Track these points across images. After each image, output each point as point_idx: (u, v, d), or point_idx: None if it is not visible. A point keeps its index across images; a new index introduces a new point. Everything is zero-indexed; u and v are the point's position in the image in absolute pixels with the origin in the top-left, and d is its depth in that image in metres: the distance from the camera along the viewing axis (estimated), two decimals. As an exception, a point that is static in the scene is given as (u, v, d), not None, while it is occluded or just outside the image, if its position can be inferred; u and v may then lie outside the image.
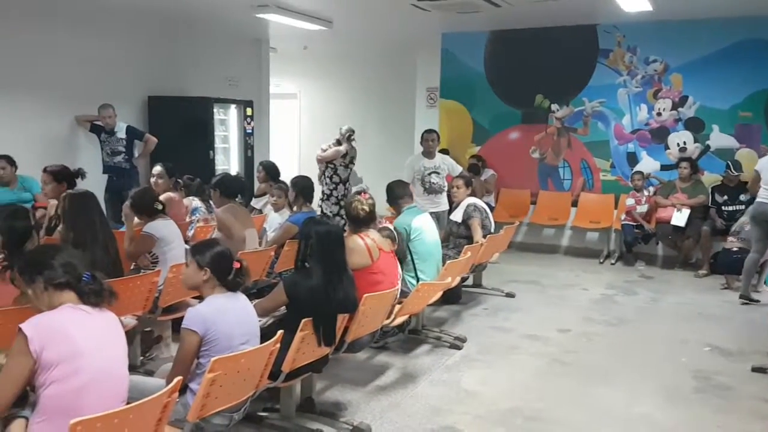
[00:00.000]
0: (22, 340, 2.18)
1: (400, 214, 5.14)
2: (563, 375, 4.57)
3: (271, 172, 6.88)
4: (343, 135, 7.79)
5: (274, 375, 3.12)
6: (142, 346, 4.41)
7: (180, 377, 2.46)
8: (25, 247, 3.34)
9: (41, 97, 6.74)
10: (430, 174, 6.90)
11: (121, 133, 7.14)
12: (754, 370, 4.59)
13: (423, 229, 4.92)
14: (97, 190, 4.80)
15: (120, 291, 2.58)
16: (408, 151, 8.72)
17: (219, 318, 2.83)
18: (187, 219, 5.95)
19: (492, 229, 6.17)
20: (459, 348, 4.98)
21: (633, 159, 8.43)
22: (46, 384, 2.19)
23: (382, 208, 5.28)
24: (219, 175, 6.09)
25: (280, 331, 3.01)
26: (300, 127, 12.10)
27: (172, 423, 2.57)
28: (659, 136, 8.27)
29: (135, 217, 4.60)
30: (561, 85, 8.68)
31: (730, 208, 7.47)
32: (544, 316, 5.91)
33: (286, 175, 6.58)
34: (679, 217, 7.50)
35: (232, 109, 8.53)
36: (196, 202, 6.17)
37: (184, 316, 2.83)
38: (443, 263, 4.99)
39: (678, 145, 8.17)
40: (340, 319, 3.47)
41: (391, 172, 6.81)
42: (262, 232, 5.78)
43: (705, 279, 7.31)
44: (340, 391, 4.15)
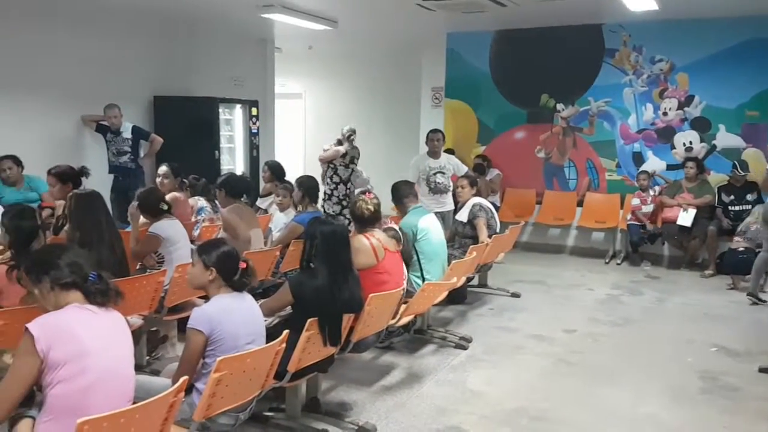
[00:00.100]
0: (28, 339, 2.18)
1: (405, 214, 5.14)
2: (569, 375, 4.56)
3: (277, 172, 6.89)
4: (344, 135, 7.80)
5: (279, 375, 3.12)
6: (148, 346, 4.42)
7: (186, 377, 2.46)
8: (31, 246, 3.35)
9: (48, 97, 6.76)
10: (435, 174, 6.90)
11: (126, 133, 7.16)
12: (761, 370, 4.57)
13: (429, 229, 4.92)
14: (102, 190, 4.82)
15: (126, 291, 2.59)
16: (413, 151, 8.72)
17: (224, 318, 2.83)
18: (193, 219, 5.96)
19: (497, 229, 6.17)
20: (464, 348, 4.97)
21: (639, 159, 8.40)
22: (53, 383, 2.19)
23: (387, 208, 5.28)
24: (224, 174, 6.09)
25: (286, 331, 3.01)
26: (305, 127, 12.11)
27: (178, 422, 2.58)
28: (665, 135, 8.24)
29: (141, 217, 4.61)
30: (566, 84, 8.65)
31: (737, 207, 7.44)
32: (550, 316, 5.90)
33: (291, 175, 6.59)
34: (685, 217, 7.48)
35: (238, 109, 8.54)
36: (201, 201, 6.18)
37: (190, 316, 2.84)
38: (449, 263, 4.99)
39: (684, 144, 8.14)
40: (346, 319, 3.47)
41: (396, 172, 6.82)
42: (268, 232, 5.79)
43: (711, 279, 7.28)
44: (346, 391, 4.15)
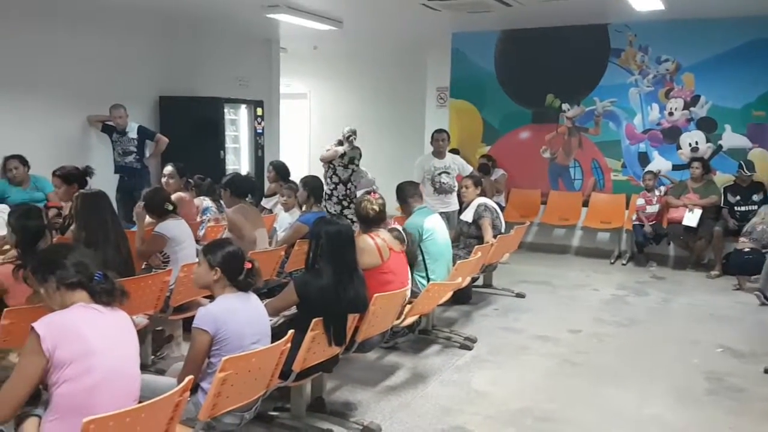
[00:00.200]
0: (34, 339, 2.19)
1: (410, 215, 5.13)
2: (574, 376, 4.55)
3: (281, 172, 6.89)
4: (344, 136, 7.82)
5: (284, 374, 3.13)
6: (153, 345, 4.43)
7: (191, 376, 2.46)
8: (38, 246, 3.36)
9: (53, 97, 6.78)
10: (440, 174, 6.89)
11: (132, 133, 7.18)
12: (766, 371, 4.55)
13: (435, 229, 4.91)
14: (108, 189, 4.82)
15: (131, 290, 2.60)
16: (418, 151, 8.71)
17: (229, 317, 2.83)
18: (198, 219, 5.97)
19: (503, 229, 6.16)
20: (469, 348, 4.97)
21: (644, 159, 8.38)
22: (59, 383, 2.20)
23: (392, 208, 5.27)
24: (229, 174, 6.11)
25: (291, 331, 3.02)
26: (310, 127, 12.12)
27: (183, 422, 2.58)
28: (671, 135, 8.22)
29: (146, 217, 4.62)
30: (572, 84, 8.64)
31: (743, 208, 7.42)
32: (555, 316, 5.89)
33: (296, 175, 6.59)
34: (690, 218, 7.46)
35: (243, 109, 8.55)
36: (206, 201, 6.20)
37: (195, 316, 2.84)
38: (453, 263, 4.98)
39: (690, 144, 8.12)
40: (351, 319, 3.47)
41: (400, 172, 6.82)
42: (272, 232, 5.80)
43: (717, 280, 7.26)
44: (351, 391, 4.15)
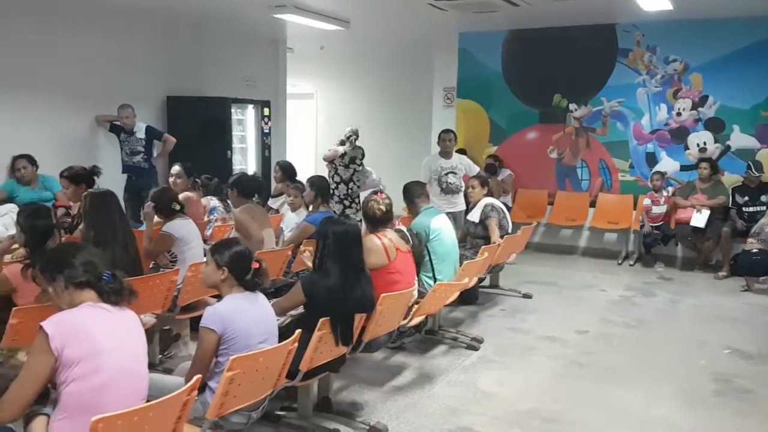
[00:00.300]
0: (43, 338, 2.20)
1: (417, 215, 5.13)
2: (581, 377, 4.54)
3: (288, 172, 6.91)
4: (345, 136, 7.85)
5: (291, 374, 3.13)
6: (160, 345, 4.44)
7: (199, 375, 2.47)
8: (47, 245, 3.37)
9: (62, 97, 6.81)
10: (446, 174, 6.89)
11: (140, 133, 7.20)
12: (775, 373, 4.54)
13: (442, 229, 4.90)
14: (116, 189, 4.83)
15: (139, 289, 2.61)
16: (424, 151, 8.71)
17: (237, 317, 2.84)
18: (206, 218, 5.98)
19: (509, 230, 6.15)
20: (476, 349, 4.96)
21: (652, 159, 8.35)
22: (67, 381, 2.20)
23: (398, 209, 5.27)
24: (236, 174, 6.13)
25: (298, 330, 3.02)
26: (317, 127, 12.13)
27: (191, 421, 2.58)
28: (679, 136, 8.18)
29: (155, 217, 4.63)
30: (579, 84, 8.62)
31: (751, 209, 7.38)
32: (562, 317, 5.88)
33: (303, 175, 6.61)
34: (698, 218, 7.43)
35: (250, 109, 8.57)
36: (214, 201, 6.20)
37: (203, 315, 2.85)
38: (460, 264, 4.98)
39: (698, 145, 8.08)
40: (358, 319, 3.47)
41: (407, 173, 6.82)
42: (279, 232, 5.80)
43: (725, 281, 7.22)
44: (357, 391, 4.16)
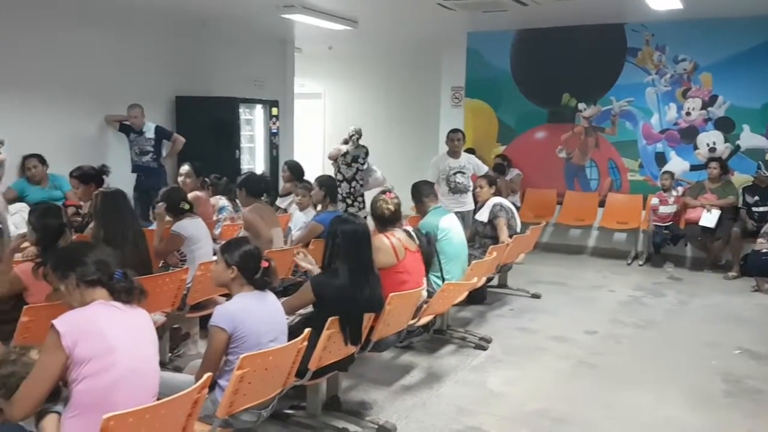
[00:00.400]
0: (54, 336, 2.21)
1: (425, 214, 5.13)
2: (590, 377, 4.53)
3: (296, 172, 6.92)
4: (349, 135, 7.89)
5: (300, 373, 3.14)
6: (170, 343, 4.46)
7: (210, 374, 2.48)
8: (58, 244, 3.38)
9: (72, 97, 6.84)
10: (455, 174, 6.89)
11: (149, 133, 7.22)
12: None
13: (450, 229, 4.90)
14: (125, 188, 4.85)
15: (149, 288, 2.62)
16: (432, 151, 8.71)
17: (247, 316, 2.85)
18: (214, 218, 6.00)
19: (518, 229, 6.14)
20: (484, 348, 4.96)
21: (662, 159, 8.31)
22: (79, 379, 2.21)
23: (406, 208, 5.27)
24: (244, 174, 6.14)
25: (308, 329, 3.03)
26: (324, 127, 12.14)
27: (201, 419, 2.59)
28: (688, 135, 8.14)
29: (166, 217, 4.64)
30: (588, 84, 8.59)
31: (761, 209, 7.34)
32: (571, 317, 5.86)
33: (311, 175, 6.62)
34: (708, 218, 7.40)
35: (258, 109, 8.58)
36: (222, 201, 6.23)
37: (213, 314, 2.86)
38: (468, 263, 4.97)
39: (707, 145, 8.04)
40: (367, 318, 3.47)
41: (415, 172, 6.81)
42: (287, 231, 5.81)
43: (735, 281, 7.19)
44: (366, 390, 4.16)
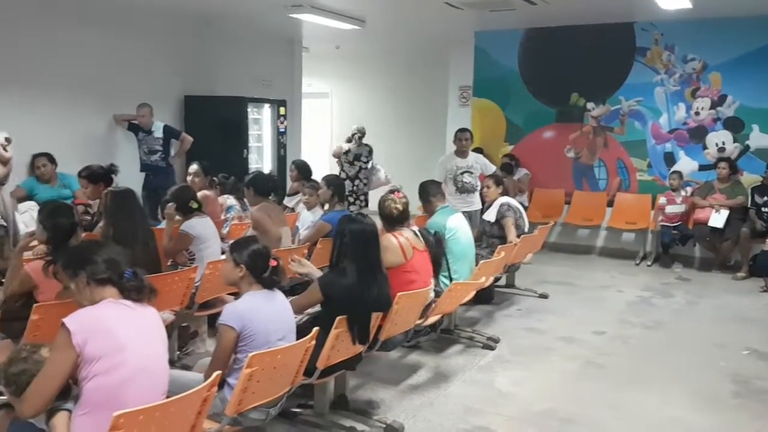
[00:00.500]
0: (65, 334, 2.22)
1: (432, 214, 5.12)
2: (598, 378, 4.52)
3: (304, 171, 6.93)
4: (351, 133, 7.93)
5: (308, 372, 3.14)
6: (178, 341, 4.47)
7: (219, 372, 2.49)
8: (69, 243, 3.39)
9: (81, 96, 6.88)
10: (462, 173, 6.88)
11: (158, 132, 7.26)
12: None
13: (457, 228, 4.89)
14: (134, 187, 4.86)
15: (158, 287, 2.62)
16: (440, 151, 8.71)
17: (255, 315, 2.86)
18: (222, 217, 6.02)
19: (526, 229, 6.12)
20: (492, 348, 4.95)
21: (670, 159, 8.28)
22: (89, 377, 2.23)
23: (413, 208, 5.26)
24: (252, 173, 6.15)
25: (316, 328, 3.03)
26: (332, 127, 12.15)
27: (210, 417, 2.60)
28: (697, 135, 8.11)
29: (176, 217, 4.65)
30: (597, 83, 8.56)
31: (771, 209, 7.31)
32: (579, 317, 5.84)
33: (318, 174, 6.63)
34: (717, 219, 7.36)
35: (266, 109, 8.60)
36: (230, 200, 6.24)
37: (222, 312, 2.88)
38: (476, 263, 4.97)
39: (717, 145, 8.00)
40: (374, 318, 3.47)
41: (423, 171, 6.81)
42: (294, 231, 5.82)
43: (744, 281, 7.16)
44: (373, 389, 4.16)
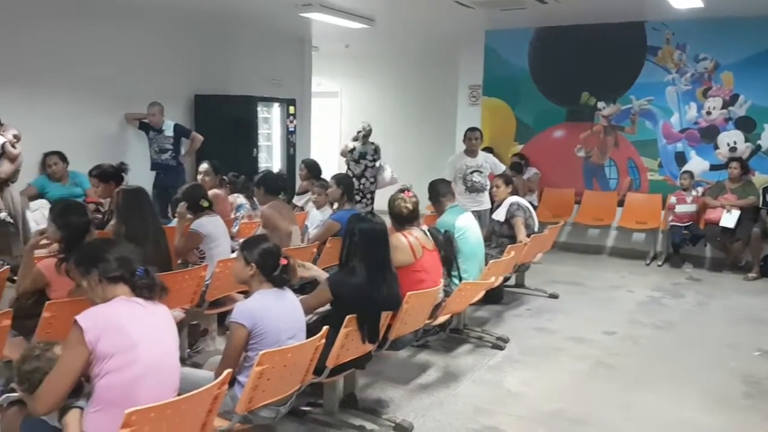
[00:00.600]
0: (77, 331, 2.23)
1: (442, 213, 5.12)
2: (608, 378, 4.50)
3: (313, 170, 6.94)
4: (357, 132, 7.95)
5: (318, 370, 3.15)
6: (189, 339, 4.49)
7: (229, 370, 2.50)
8: (83, 241, 3.40)
9: (92, 95, 6.92)
10: (472, 173, 6.88)
11: (168, 131, 7.29)
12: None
13: (467, 228, 4.89)
14: (144, 186, 4.88)
15: (169, 285, 2.63)
16: (449, 150, 8.70)
17: (266, 313, 2.87)
18: (232, 216, 6.03)
19: (536, 229, 6.11)
20: (501, 348, 4.94)
21: (682, 158, 8.23)
22: (101, 375, 2.24)
23: (422, 207, 5.26)
24: (261, 172, 6.17)
25: (326, 327, 3.04)
26: (341, 126, 12.16)
27: (220, 414, 2.62)
28: (709, 135, 8.06)
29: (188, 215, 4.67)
30: (608, 82, 8.52)
31: (782, 209, 7.26)
32: (589, 318, 5.82)
33: (327, 173, 6.64)
34: (728, 219, 7.32)
35: (275, 108, 8.62)
36: (240, 199, 6.26)
37: (233, 310, 2.89)
38: (486, 262, 4.96)
39: (728, 144, 7.95)
40: (384, 317, 3.48)
41: (432, 171, 6.81)
42: (304, 229, 5.83)
43: (755, 282, 7.13)
44: (382, 389, 4.16)
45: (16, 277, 3.68)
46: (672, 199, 7.81)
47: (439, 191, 5.19)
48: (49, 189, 6.26)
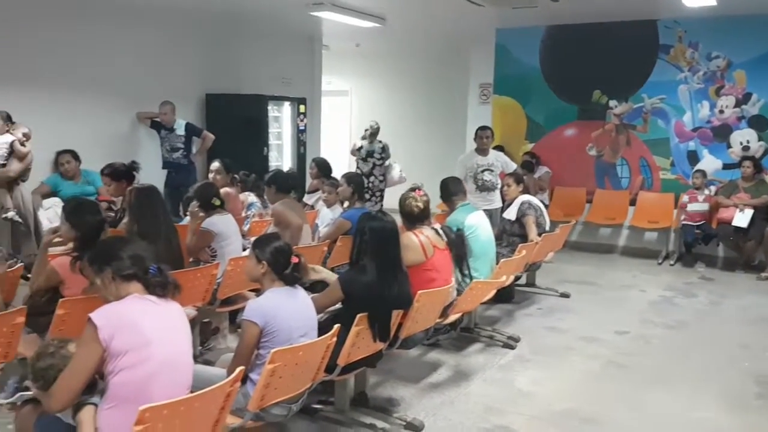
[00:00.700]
0: (91, 329, 2.25)
1: (453, 211, 5.11)
2: (620, 378, 4.48)
3: (323, 169, 6.96)
4: (365, 130, 7.97)
5: (329, 368, 3.16)
6: (200, 337, 4.51)
7: (242, 367, 2.51)
8: (98, 239, 3.41)
9: (104, 94, 6.96)
10: (482, 171, 6.86)
11: (180, 130, 7.32)
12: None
13: (478, 226, 4.88)
14: (156, 184, 4.90)
15: (181, 283, 2.65)
16: (460, 149, 8.68)
17: (278, 311, 2.88)
18: (243, 214, 6.05)
19: (547, 227, 6.09)
20: (512, 348, 4.93)
21: (694, 157, 8.18)
22: (115, 372, 2.25)
23: (432, 206, 5.25)
24: (272, 171, 6.19)
25: (337, 325, 3.04)
26: (351, 125, 12.17)
27: (233, 412, 2.63)
28: (721, 134, 8.00)
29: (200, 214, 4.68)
30: (619, 80, 8.47)
31: (796, 208, 7.20)
32: (600, 317, 5.80)
33: (338, 172, 6.65)
34: (741, 218, 7.27)
35: (286, 107, 8.64)
36: (251, 197, 6.28)
37: (245, 308, 2.91)
38: (497, 261, 4.95)
39: (741, 143, 7.90)
40: (395, 316, 3.48)
41: (442, 169, 6.78)
42: (314, 228, 5.84)
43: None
44: (393, 387, 4.17)
45: (29, 275, 3.70)
46: (684, 198, 7.77)
47: (450, 189, 5.19)
48: (61, 187, 6.30)
